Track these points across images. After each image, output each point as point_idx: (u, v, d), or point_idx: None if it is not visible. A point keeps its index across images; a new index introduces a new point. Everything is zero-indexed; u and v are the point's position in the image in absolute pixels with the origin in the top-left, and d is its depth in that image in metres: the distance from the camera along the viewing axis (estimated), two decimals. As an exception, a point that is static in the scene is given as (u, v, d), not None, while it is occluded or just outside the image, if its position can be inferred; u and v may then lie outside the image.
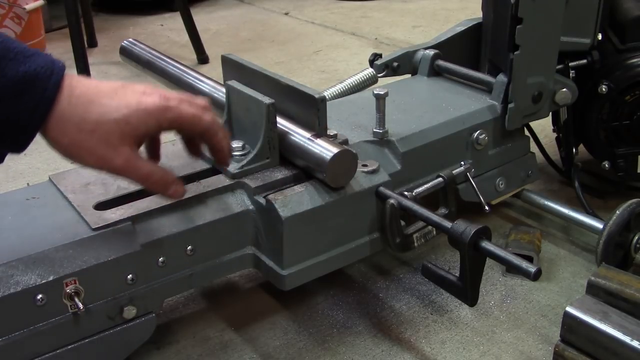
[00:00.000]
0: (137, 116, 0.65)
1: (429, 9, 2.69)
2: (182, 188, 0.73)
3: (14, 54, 0.60)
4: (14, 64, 0.60)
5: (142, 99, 0.66)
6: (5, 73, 0.59)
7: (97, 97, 0.64)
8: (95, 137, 0.64)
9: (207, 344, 0.87)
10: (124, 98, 0.65)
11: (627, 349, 0.66)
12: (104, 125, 0.64)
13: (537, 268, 0.67)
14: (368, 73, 1.16)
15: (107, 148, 0.64)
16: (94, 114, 0.63)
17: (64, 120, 0.63)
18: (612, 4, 1.05)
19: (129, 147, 0.66)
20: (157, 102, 0.67)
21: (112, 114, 0.64)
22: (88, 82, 0.65)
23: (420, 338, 0.87)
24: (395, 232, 0.83)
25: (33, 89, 0.60)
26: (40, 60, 0.61)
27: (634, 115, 1.06)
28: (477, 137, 0.99)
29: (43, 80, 0.61)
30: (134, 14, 2.78)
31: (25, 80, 0.60)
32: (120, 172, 0.68)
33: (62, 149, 0.65)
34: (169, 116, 0.67)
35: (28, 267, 0.69)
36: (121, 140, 0.65)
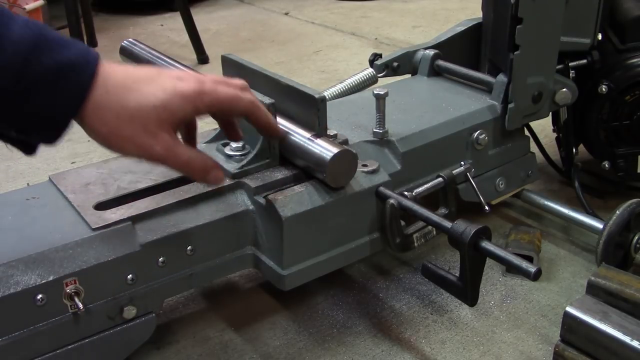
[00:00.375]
0: (174, 102, 0.64)
1: (429, 9, 2.69)
2: (221, 173, 0.71)
3: (50, 42, 0.59)
4: (51, 53, 0.59)
5: (178, 84, 0.65)
6: (42, 62, 0.58)
7: (134, 84, 0.63)
8: (134, 125, 0.63)
9: (207, 344, 0.87)
10: (161, 84, 0.64)
11: (627, 349, 0.66)
12: (142, 112, 0.63)
13: (537, 268, 0.67)
14: (368, 73, 1.16)
15: (146, 135, 0.63)
16: (131, 101, 0.62)
17: (102, 109, 0.62)
18: (612, 4, 1.05)
19: (167, 134, 0.65)
20: (193, 87, 0.65)
21: (150, 101, 0.63)
22: (124, 69, 0.64)
23: (420, 338, 0.87)
24: (395, 232, 0.83)
25: (69, 78, 0.60)
26: (76, 50, 0.61)
27: (634, 115, 1.06)
28: (477, 137, 0.99)
29: (78, 69, 0.60)
30: (134, 14, 2.78)
31: (62, 69, 0.59)
32: (160, 160, 0.66)
33: (101, 138, 0.64)
34: (206, 100, 0.66)
35: (28, 267, 0.69)
36: (159, 126, 0.64)
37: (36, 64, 0.58)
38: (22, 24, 0.59)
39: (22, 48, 0.57)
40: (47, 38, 0.59)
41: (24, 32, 0.58)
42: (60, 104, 0.60)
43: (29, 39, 0.58)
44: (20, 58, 0.57)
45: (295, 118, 0.85)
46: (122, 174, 0.85)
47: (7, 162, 1.43)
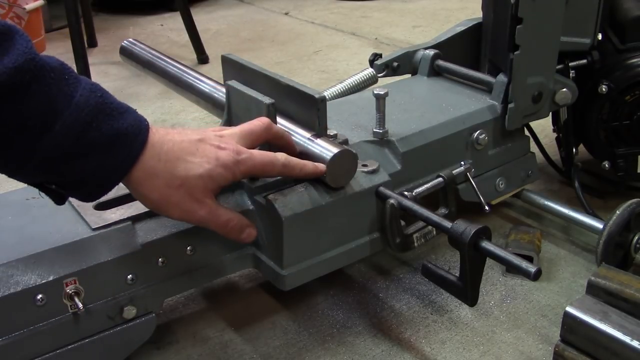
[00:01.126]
0: (217, 171, 0.69)
1: (429, 9, 2.69)
2: (255, 232, 0.77)
3: (110, 109, 0.63)
4: (109, 119, 0.62)
5: (219, 153, 0.70)
6: (101, 128, 0.62)
7: (182, 153, 0.68)
8: (182, 192, 0.68)
9: (207, 344, 0.87)
10: (204, 154, 0.69)
11: (627, 349, 0.66)
12: (190, 181, 0.68)
13: (537, 268, 0.67)
14: (368, 73, 1.16)
15: (192, 202, 0.69)
16: (181, 170, 0.68)
17: (153, 177, 0.66)
18: (612, 4, 1.05)
19: (210, 199, 0.70)
20: (231, 157, 0.71)
21: (197, 170, 0.68)
22: (172, 136, 0.69)
23: (420, 338, 0.87)
24: (395, 232, 0.83)
25: (122, 145, 0.63)
26: (131, 118, 0.64)
27: (634, 115, 1.06)
28: (477, 137, 0.99)
29: (131, 138, 0.64)
30: (134, 14, 2.79)
31: (117, 136, 0.63)
32: (202, 223, 0.72)
33: (150, 202, 0.69)
34: (242, 169, 0.72)
35: (28, 267, 0.69)
36: (204, 193, 0.69)
37: (95, 129, 0.61)
38: (88, 88, 0.61)
39: (84, 114, 0.60)
40: (108, 105, 0.63)
41: (89, 97, 0.61)
42: (110, 169, 0.64)
43: (94, 104, 0.61)
44: (82, 123, 0.60)
45: (295, 118, 0.85)
46: (122, 174, 0.85)
47: (7, 162, 1.43)
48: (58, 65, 0.60)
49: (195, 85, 1.02)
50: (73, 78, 0.61)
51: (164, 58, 1.11)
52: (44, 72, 0.58)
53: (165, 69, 1.09)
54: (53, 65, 0.60)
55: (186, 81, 1.04)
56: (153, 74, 1.12)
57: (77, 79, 0.61)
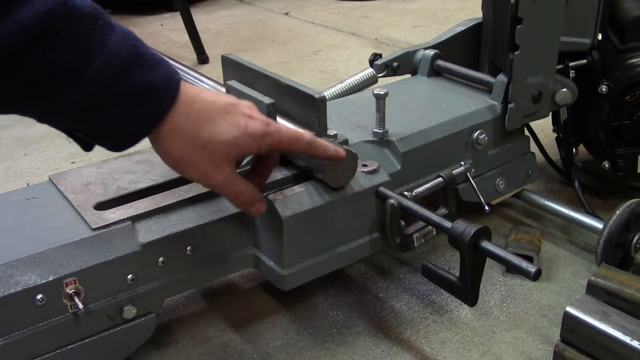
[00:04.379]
0: (243, 140, 0.68)
1: (429, 9, 2.69)
2: (264, 207, 0.75)
3: (143, 60, 0.61)
4: (140, 70, 0.61)
5: (249, 122, 0.68)
6: (132, 78, 0.60)
7: (213, 114, 0.67)
8: (204, 154, 0.66)
9: (207, 344, 0.87)
10: (235, 119, 0.68)
11: (627, 349, 0.66)
12: (214, 144, 0.66)
13: (537, 268, 0.67)
14: (368, 73, 1.16)
15: (212, 165, 0.67)
16: (207, 131, 0.66)
17: (180, 134, 0.65)
18: (612, 4, 1.05)
19: (229, 167, 0.69)
20: (260, 128, 0.69)
21: (224, 135, 0.67)
22: (205, 95, 0.67)
23: (420, 338, 0.87)
24: (395, 232, 0.83)
25: (152, 98, 0.62)
26: (163, 71, 0.63)
27: (634, 115, 1.06)
28: (477, 137, 0.99)
29: (161, 92, 0.63)
30: (134, 14, 2.78)
31: (147, 89, 0.61)
32: (216, 188, 0.71)
33: (171, 160, 0.67)
34: (268, 141, 0.70)
35: (28, 267, 0.69)
36: (225, 159, 0.68)
37: (126, 80, 0.60)
38: (121, 36, 0.60)
39: (117, 62, 0.59)
40: (141, 55, 0.61)
41: (122, 45, 0.59)
42: (138, 121, 0.63)
43: (126, 53, 0.60)
44: (113, 72, 0.59)
45: (295, 118, 0.85)
46: (122, 174, 0.85)
47: (7, 162, 1.43)
48: (92, 9, 0.58)
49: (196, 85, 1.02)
50: (107, 24, 0.59)
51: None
52: (76, 17, 0.57)
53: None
54: (86, 10, 0.58)
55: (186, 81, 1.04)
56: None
57: (111, 25, 0.60)
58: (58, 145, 1.45)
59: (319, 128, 0.82)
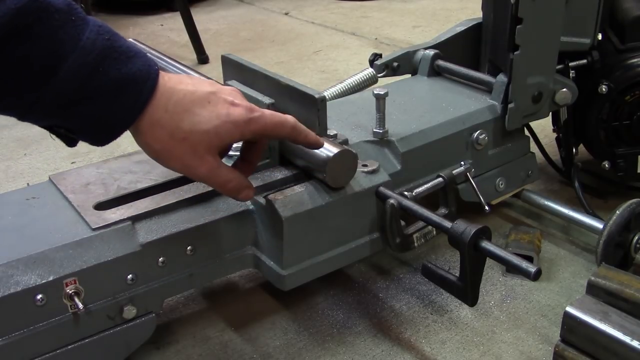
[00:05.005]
0: (225, 128, 0.67)
1: (429, 9, 2.69)
2: (252, 192, 0.75)
3: (118, 53, 0.61)
4: (116, 63, 0.60)
5: (230, 110, 0.67)
6: (108, 72, 0.60)
7: (192, 105, 0.66)
8: (185, 146, 0.66)
9: (207, 344, 0.87)
10: (215, 108, 0.67)
11: (627, 349, 0.66)
12: (195, 135, 0.66)
13: (537, 268, 0.67)
14: (368, 73, 1.16)
15: (194, 157, 0.67)
16: (187, 123, 0.65)
17: (159, 126, 0.64)
18: (612, 4, 1.05)
19: (212, 157, 0.68)
20: (243, 115, 0.68)
21: (204, 125, 0.66)
22: (184, 86, 0.66)
23: (420, 338, 0.87)
24: (395, 232, 0.83)
25: (129, 91, 0.62)
26: (140, 63, 0.62)
27: (634, 115, 1.06)
28: (477, 137, 0.99)
29: (139, 84, 0.62)
30: (134, 14, 2.78)
31: (124, 82, 0.61)
32: (200, 179, 0.70)
33: (153, 152, 0.67)
34: (252, 128, 0.69)
35: (28, 267, 0.69)
36: (208, 150, 0.67)
37: (102, 74, 0.59)
38: (95, 30, 0.59)
39: (91, 57, 0.59)
40: (116, 48, 0.61)
41: (96, 40, 0.59)
42: (117, 115, 0.62)
43: (100, 48, 0.59)
44: (88, 67, 0.59)
45: (296, 118, 0.85)
46: (122, 174, 0.85)
47: (7, 162, 1.43)
48: (64, 5, 0.58)
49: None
50: (80, 19, 0.59)
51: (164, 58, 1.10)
52: (49, 13, 0.56)
53: (165, 69, 1.09)
54: (59, 6, 0.57)
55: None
56: (153, 74, 1.12)
57: (85, 20, 0.59)
58: (58, 145, 1.45)
59: (319, 128, 0.82)
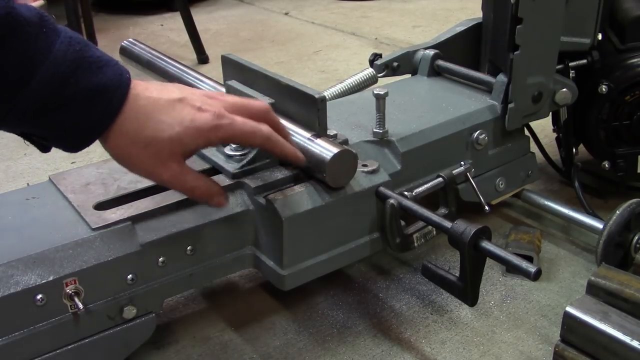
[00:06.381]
0: (188, 135, 0.66)
1: (429, 9, 2.69)
2: (223, 200, 0.75)
3: (89, 63, 0.61)
4: (87, 74, 0.61)
5: (196, 116, 0.66)
6: (79, 82, 0.60)
7: (155, 112, 0.65)
8: (147, 153, 0.65)
9: (207, 344, 0.87)
10: (179, 114, 0.66)
11: (627, 349, 0.66)
12: (157, 142, 0.65)
13: (537, 268, 0.67)
14: (368, 73, 1.16)
15: (156, 163, 0.66)
16: (149, 129, 0.65)
17: (120, 133, 0.64)
18: (612, 4, 1.05)
19: (176, 163, 0.67)
20: (209, 121, 0.67)
21: (166, 132, 0.65)
22: (149, 93, 0.66)
23: (420, 338, 0.87)
24: (395, 232, 0.83)
25: (101, 101, 0.62)
26: (111, 73, 0.63)
27: (634, 115, 1.06)
28: (477, 137, 0.99)
29: (110, 93, 0.62)
30: (134, 14, 2.78)
31: (96, 92, 0.61)
32: (166, 185, 0.70)
33: (116, 158, 0.67)
34: (219, 135, 0.68)
35: (28, 267, 0.69)
36: (170, 156, 0.67)
37: (74, 84, 0.60)
38: (66, 41, 0.60)
39: (63, 68, 0.59)
40: (87, 58, 0.61)
41: (67, 51, 0.60)
42: (89, 124, 0.63)
43: (71, 59, 0.60)
44: (60, 77, 0.59)
45: (295, 118, 0.85)
46: (122, 174, 0.85)
47: (7, 162, 1.43)
48: (36, 17, 0.59)
49: (195, 86, 1.02)
50: (51, 31, 0.59)
51: (164, 58, 1.11)
52: (21, 25, 0.57)
53: (165, 69, 1.09)
54: (31, 18, 0.58)
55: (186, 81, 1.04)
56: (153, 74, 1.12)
57: (56, 31, 0.60)
58: (58, 145, 1.45)
59: (319, 128, 0.82)
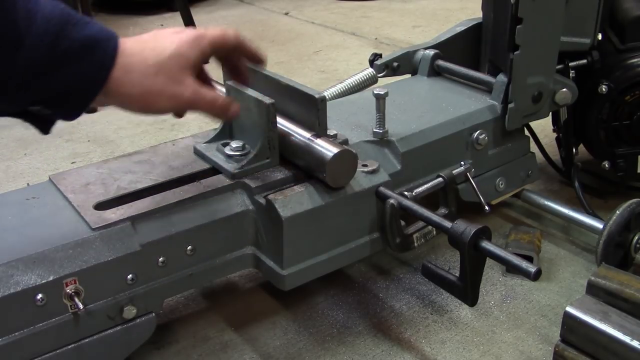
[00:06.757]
0: (184, 47, 0.70)
1: (429, 9, 2.69)
2: (238, 106, 0.77)
3: (76, 19, 0.63)
4: (77, 27, 0.63)
5: (180, 35, 0.71)
6: (71, 36, 0.62)
7: (146, 44, 0.69)
8: (161, 78, 0.68)
9: (207, 344, 0.87)
10: (166, 38, 0.71)
11: (627, 349, 0.66)
12: (164, 64, 0.68)
13: (537, 268, 0.67)
14: (368, 73, 1.16)
15: (174, 84, 0.69)
16: (150, 58, 0.68)
17: (129, 73, 0.66)
18: (612, 4, 1.05)
19: (190, 78, 0.71)
20: (191, 33, 0.72)
21: (165, 52, 0.69)
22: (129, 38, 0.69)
23: (420, 338, 0.87)
24: (395, 232, 0.83)
25: (96, 50, 0.64)
26: (98, 26, 0.65)
27: (634, 115, 1.06)
28: (477, 137, 0.99)
29: (104, 42, 0.65)
30: (134, 14, 2.78)
31: (89, 42, 0.63)
32: (190, 104, 0.72)
33: (136, 100, 0.68)
34: (205, 41, 0.72)
35: (28, 267, 0.69)
36: (182, 73, 0.70)
37: (67, 37, 0.62)
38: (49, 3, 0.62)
39: (53, 23, 0.61)
40: (72, 15, 0.63)
41: (53, 10, 0.62)
42: (90, 74, 0.64)
43: (59, 14, 0.62)
44: (53, 32, 0.61)
45: (295, 118, 0.85)
46: (122, 174, 0.85)
47: (7, 162, 1.43)
48: None
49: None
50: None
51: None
52: None
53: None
54: None
55: None
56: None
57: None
58: (58, 145, 1.45)
59: (319, 128, 0.82)
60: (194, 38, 0.72)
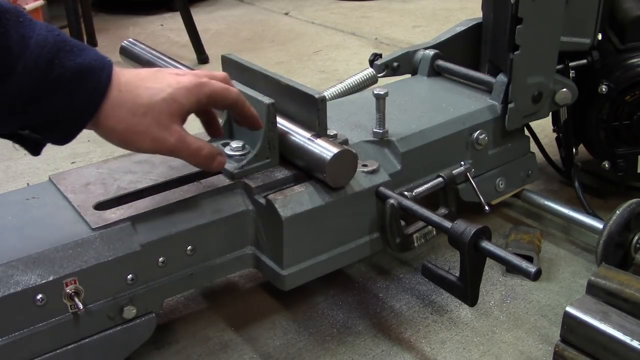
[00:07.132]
0: (180, 94, 0.69)
1: (429, 9, 2.69)
2: (224, 159, 0.77)
3: (70, 46, 0.63)
4: (71, 55, 0.63)
5: (179, 78, 0.70)
6: (64, 64, 0.62)
7: (142, 82, 0.68)
8: (148, 119, 0.67)
9: (207, 344, 0.87)
10: (165, 80, 0.70)
11: (627, 349, 0.66)
12: (154, 106, 0.68)
13: (537, 268, 0.67)
14: (368, 73, 1.16)
15: (160, 128, 0.68)
16: (143, 97, 0.67)
17: (117, 108, 0.66)
18: (612, 4, 1.05)
19: (178, 125, 0.70)
20: (192, 80, 0.71)
21: (160, 95, 0.68)
22: (128, 71, 0.69)
23: (420, 338, 0.87)
24: (395, 232, 0.83)
25: (88, 80, 0.64)
26: (93, 54, 0.65)
27: (634, 115, 1.06)
28: (477, 137, 0.99)
29: (97, 71, 0.64)
30: (134, 14, 2.78)
31: (82, 71, 0.63)
32: (173, 151, 0.71)
33: (118, 136, 0.68)
34: (205, 91, 0.72)
35: (28, 267, 0.69)
36: (170, 118, 0.69)
37: (59, 65, 0.61)
38: (44, 27, 0.62)
39: (46, 50, 0.61)
40: (67, 42, 0.63)
41: (47, 36, 0.61)
42: (81, 103, 0.64)
43: (52, 41, 0.61)
44: (44, 61, 0.60)
45: (295, 118, 0.85)
46: (122, 174, 0.85)
47: (7, 162, 1.43)
48: (13, 8, 0.61)
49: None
50: (28, 20, 0.61)
51: (164, 58, 1.10)
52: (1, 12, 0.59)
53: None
54: (8, 8, 0.60)
55: None
56: (153, 74, 1.12)
57: (33, 21, 0.62)
58: (58, 145, 1.45)
59: (319, 128, 0.82)
60: (194, 85, 0.71)
